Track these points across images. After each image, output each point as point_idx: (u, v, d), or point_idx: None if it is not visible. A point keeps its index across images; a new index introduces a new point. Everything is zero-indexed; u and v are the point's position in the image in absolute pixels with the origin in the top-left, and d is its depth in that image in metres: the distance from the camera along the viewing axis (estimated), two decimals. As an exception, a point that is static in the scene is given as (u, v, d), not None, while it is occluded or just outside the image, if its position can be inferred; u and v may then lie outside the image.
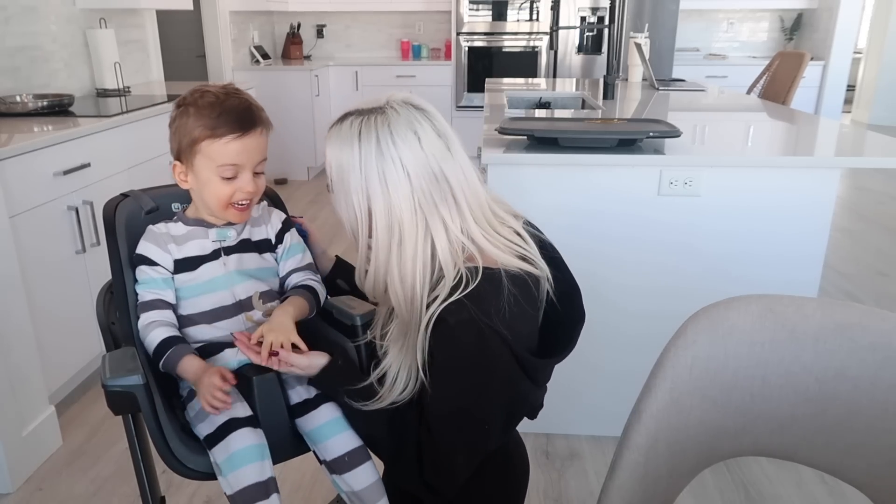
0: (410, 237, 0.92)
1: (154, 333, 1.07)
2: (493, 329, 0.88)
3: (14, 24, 2.63)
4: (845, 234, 3.98)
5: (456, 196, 0.94)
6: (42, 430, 1.97)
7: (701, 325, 0.92)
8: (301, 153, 5.24)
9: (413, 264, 0.93)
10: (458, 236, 0.94)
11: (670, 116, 2.41)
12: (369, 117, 0.93)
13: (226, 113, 1.05)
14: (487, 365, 0.90)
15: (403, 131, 0.92)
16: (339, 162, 0.94)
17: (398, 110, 0.93)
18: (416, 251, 0.93)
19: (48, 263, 2.07)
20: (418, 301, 0.93)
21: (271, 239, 1.19)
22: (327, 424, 1.06)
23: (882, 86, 7.42)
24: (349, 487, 1.06)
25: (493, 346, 0.89)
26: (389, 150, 0.91)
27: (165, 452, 1.05)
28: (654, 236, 1.88)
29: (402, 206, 0.91)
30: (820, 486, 1.87)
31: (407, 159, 0.91)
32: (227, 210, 1.10)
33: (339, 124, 0.95)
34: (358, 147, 0.92)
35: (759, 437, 0.95)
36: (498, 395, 0.93)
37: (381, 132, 0.91)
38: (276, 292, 1.16)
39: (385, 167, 0.91)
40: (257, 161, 1.09)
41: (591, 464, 1.98)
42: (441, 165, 0.93)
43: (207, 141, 1.05)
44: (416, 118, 0.93)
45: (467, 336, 0.88)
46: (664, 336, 0.96)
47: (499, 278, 0.92)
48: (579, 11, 5.14)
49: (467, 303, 0.88)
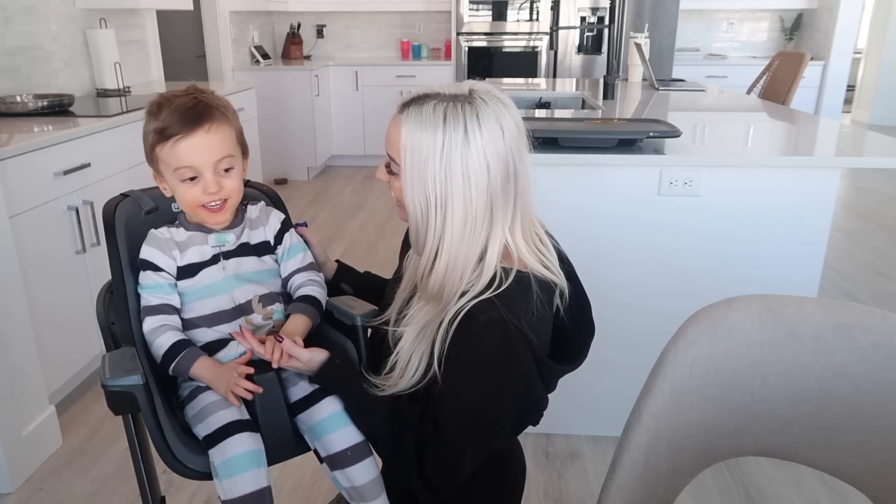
0: (479, 232, 0.91)
1: (162, 338, 1.06)
2: (520, 331, 0.87)
3: (14, 24, 2.63)
4: (845, 234, 3.98)
5: (518, 195, 0.93)
6: (42, 429, 1.97)
7: (701, 324, 0.92)
8: (301, 153, 5.24)
9: (467, 256, 0.92)
10: (507, 235, 0.93)
11: (670, 116, 2.41)
12: (455, 104, 0.89)
13: (171, 113, 1.03)
14: (510, 366, 0.90)
15: (490, 123, 0.89)
16: (419, 145, 0.89)
17: (486, 101, 0.91)
18: (477, 242, 0.92)
19: (48, 263, 2.07)
20: (457, 290, 0.91)
21: (270, 240, 1.18)
22: (330, 418, 1.06)
23: (882, 86, 7.42)
24: (350, 483, 1.05)
25: (519, 348, 0.88)
26: (476, 141, 0.88)
27: (165, 452, 1.05)
28: (653, 236, 1.88)
29: (479, 199, 0.90)
30: (820, 486, 1.87)
31: (490, 151, 0.89)
32: (198, 212, 1.09)
33: (420, 106, 0.90)
34: (442, 133, 0.88)
35: (759, 437, 0.95)
36: (515, 397, 0.93)
37: (469, 121, 0.88)
38: (276, 294, 1.16)
39: (469, 158, 0.88)
40: (215, 159, 1.05)
41: (591, 464, 1.98)
42: (516, 161, 0.92)
43: (159, 146, 1.04)
44: (500, 111, 0.91)
45: (494, 335, 0.88)
46: (664, 336, 0.96)
47: (528, 282, 0.92)
48: (579, 11, 5.13)
49: (498, 302, 0.88)
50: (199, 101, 1.05)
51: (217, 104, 1.07)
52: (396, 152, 0.92)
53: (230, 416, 1.02)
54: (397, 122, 0.92)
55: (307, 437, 1.08)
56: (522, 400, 0.94)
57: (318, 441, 1.07)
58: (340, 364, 1.05)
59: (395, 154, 0.93)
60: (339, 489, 1.09)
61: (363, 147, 5.65)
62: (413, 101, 0.92)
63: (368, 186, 5.16)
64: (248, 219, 1.17)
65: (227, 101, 1.11)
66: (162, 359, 1.06)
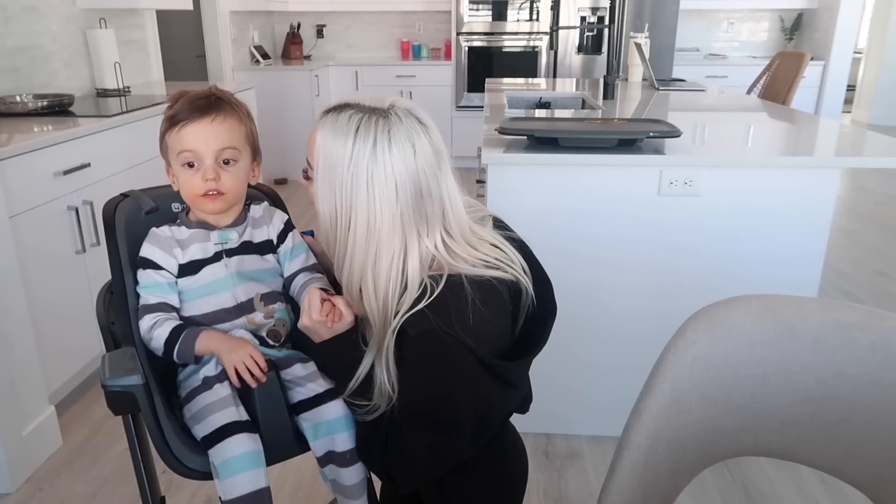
0: (388, 251, 0.92)
1: (160, 329, 1.06)
2: (454, 337, 0.87)
3: (14, 24, 2.63)
4: (845, 234, 3.98)
5: (432, 213, 0.93)
6: (42, 430, 1.97)
7: (701, 324, 0.92)
8: (301, 153, 5.14)
9: (387, 276, 0.92)
10: (430, 251, 0.94)
11: (670, 116, 2.41)
12: (371, 117, 0.91)
13: (184, 102, 1.07)
14: (451, 373, 0.90)
15: (401, 141, 0.90)
16: (329, 152, 0.92)
17: (401, 118, 0.91)
18: (392, 265, 0.92)
19: (48, 263, 2.07)
20: (390, 310, 0.93)
21: (273, 240, 1.19)
22: (341, 419, 1.07)
23: (882, 86, 7.42)
24: (340, 480, 1.07)
25: (456, 355, 0.88)
26: (384, 156, 0.89)
27: (165, 452, 1.05)
28: (653, 236, 1.88)
29: (383, 215, 0.91)
30: (820, 486, 1.87)
31: (399, 169, 0.90)
32: (198, 201, 1.10)
33: (337, 114, 0.93)
34: (353, 142, 0.90)
35: (759, 437, 0.95)
36: (465, 402, 0.92)
37: (379, 135, 0.90)
38: (277, 293, 1.16)
39: (375, 171, 0.89)
40: (217, 147, 1.07)
41: (591, 464, 1.98)
42: (429, 182, 0.92)
43: (168, 132, 1.07)
44: (416, 130, 0.92)
45: (428, 346, 0.88)
46: (664, 336, 0.96)
47: (460, 285, 0.91)
48: (579, 11, 5.14)
49: (428, 313, 0.88)
50: (212, 94, 1.09)
51: (231, 100, 1.10)
52: (311, 155, 0.95)
53: (228, 417, 1.03)
54: (316, 127, 0.95)
55: (309, 434, 1.09)
56: (475, 402, 0.93)
57: (321, 439, 1.07)
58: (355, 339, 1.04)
59: (311, 158, 0.95)
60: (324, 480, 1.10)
61: (363, 147, 5.65)
62: (333, 109, 0.94)
63: (368, 186, 5.15)
64: (251, 217, 1.17)
65: (244, 102, 1.14)
66: (164, 347, 1.06)
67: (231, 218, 1.15)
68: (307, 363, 1.14)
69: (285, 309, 1.16)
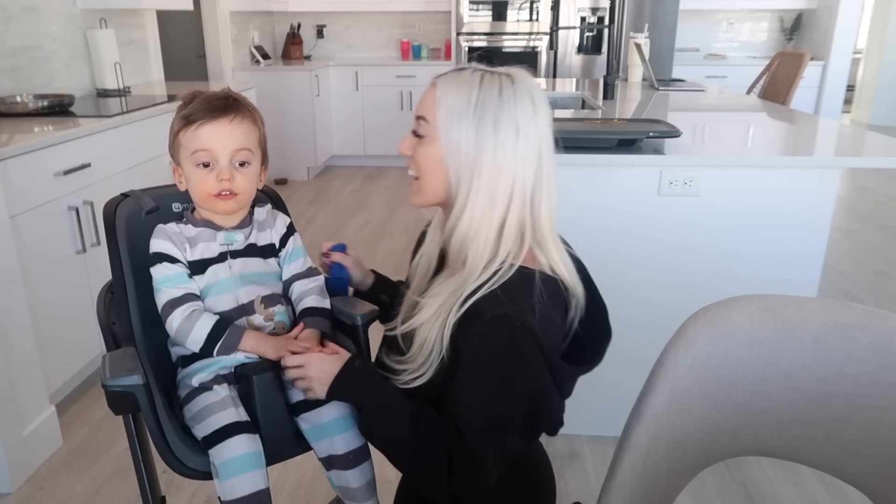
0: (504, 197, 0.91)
1: (202, 321, 1.05)
2: (526, 327, 0.86)
3: (14, 24, 2.63)
4: (845, 234, 3.98)
5: (544, 179, 0.93)
6: (42, 430, 1.98)
7: (701, 324, 0.92)
8: (301, 153, 5.24)
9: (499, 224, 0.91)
10: (528, 215, 0.93)
11: (670, 116, 2.41)
12: (492, 73, 0.92)
13: (200, 102, 1.07)
14: (517, 363, 0.88)
15: (524, 95, 0.91)
16: (453, 104, 0.91)
17: (523, 77, 0.93)
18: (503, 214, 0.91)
19: (48, 263, 2.07)
20: (477, 259, 0.91)
21: (275, 244, 1.19)
22: (337, 420, 1.06)
23: (882, 86, 7.42)
24: (346, 484, 1.07)
25: (525, 345, 0.87)
26: (509, 104, 0.90)
27: (165, 452, 1.05)
28: (654, 236, 1.89)
29: (504, 162, 0.90)
30: (820, 485, 1.87)
31: (522, 120, 0.90)
32: (210, 201, 1.09)
33: (458, 71, 0.94)
34: (478, 91, 0.90)
35: (759, 437, 0.95)
36: (524, 393, 0.90)
37: (504, 86, 0.90)
38: (278, 296, 1.16)
39: (501, 117, 0.89)
40: (233, 148, 1.07)
41: (591, 464, 1.98)
42: (542, 144, 0.92)
43: (183, 130, 1.06)
44: (536, 90, 0.93)
45: (500, 332, 0.86)
46: (664, 336, 0.97)
47: (531, 278, 0.91)
48: (579, 11, 5.14)
49: (502, 296, 0.87)
50: (229, 95, 1.09)
51: (247, 103, 1.11)
52: (429, 110, 0.93)
53: (228, 417, 1.03)
54: (433, 85, 0.94)
55: (309, 435, 1.09)
56: (533, 398, 0.92)
57: (320, 441, 1.07)
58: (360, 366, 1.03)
59: (426, 112, 0.94)
60: (332, 487, 1.10)
61: (363, 147, 5.65)
62: (451, 71, 0.95)
63: (368, 186, 5.16)
64: (255, 220, 1.17)
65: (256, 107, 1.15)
66: (206, 341, 1.05)
67: (237, 219, 1.15)
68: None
69: (285, 311, 1.16)
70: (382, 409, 0.97)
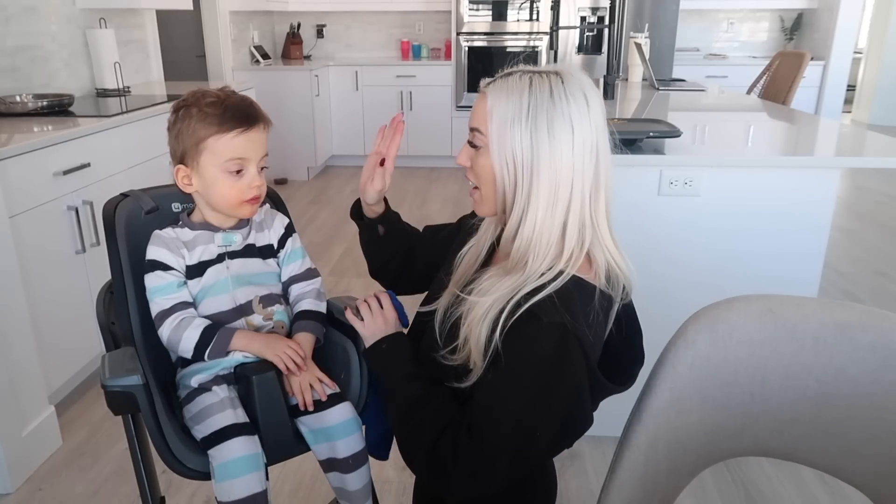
0: (563, 199, 0.90)
1: (189, 331, 1.06)
2: (577, 338, 0.85)
3: (14, 24, 2.63)
4: (845, 234, 3.98)
5: (600, 177, 0.93)
6: (42, 430, 1.97)
7: (701, 324, 0.92)
8: (301, 153, 5.24)
9: (560, 226, 0.91)
10: (588, 216, 0.93)
11: (670, 116, 2.41)
12: (541, 73, 0.91)
13: (231, 108, 1.06)
14: (562, 373, 0.86)
15: (576, 91, 0.89)
16: (504, 112, 0.90)
17: (572, 73, 0.91)
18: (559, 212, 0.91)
19: (48, 263, 2.07)
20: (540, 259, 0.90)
21: (274, 244, 1.19)
22: (341, 425, 1.07)
23: (882, 86, 7.42)
24: (345, 487, 1.07)
25: (574, 355, 0.86)
26: (561, 104, 0.88)
27: (165, 452, 1.05)
28: (654, 236, 1.88)
29: (562, 163, 0.89)
30: (820, 486, 1.87)
31: (576, 118, 0.89)
32: (240, 207, 1.10)
33: (505, 78, 0.92)
34: (528, 95, 0.89)
35: (759, 437, 0.95)
36: (561, 406, 0.89)
37: (554, 86, 0.89)
38: (276, 296, 1.16)
39: (554, 118, 0.88)
40: (262, 155, 1.10)
41: (591, 464, 1.98)
42: (599, 139, 0.92)
43: (214, 137, 1.05)
44: (587, 84, 0.91)
45: (552, 339, 0.85)
46: (664, 336, 0.96)
47: (591, 292, 0.90)
48: (579, 11, 5.14)
49: (559, 304, 0.86)
50: (249, 101, 1.10)
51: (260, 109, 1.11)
52: (482, 121, 0.92)
53: (227, 419, 1.03)
54: (483, 95, 0.93)
55: (309, 438, 1.09)
56: (569, 411, 0.90)
57: (322, 444, 1.08)
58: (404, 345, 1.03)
59: (479, 123, 0.93)
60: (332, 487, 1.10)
61: (363, 147, 5.65)
62: (499, 77, 0.94)
63: (368, 186, 5.15)
64: (254, 221, 1.17)
65: None
66: (195, 349, 1.06)
67: (235, 220, 1.15)
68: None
69: (284, 311, 1.16)
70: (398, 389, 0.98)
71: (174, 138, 1.09)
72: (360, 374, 1.17)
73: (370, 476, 1.10)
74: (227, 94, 1.08)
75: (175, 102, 1.10)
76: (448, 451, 0.91)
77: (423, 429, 0.94)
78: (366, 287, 3.18)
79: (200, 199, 1.12)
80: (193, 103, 1.06)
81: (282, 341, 1.07)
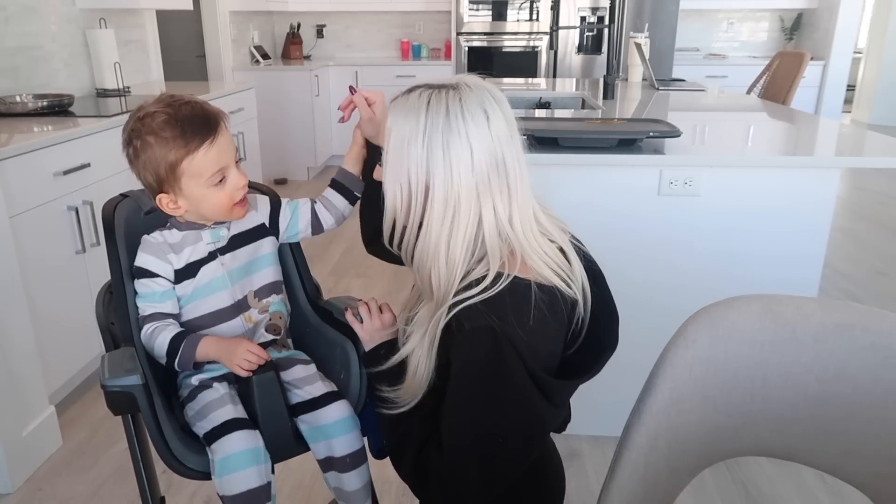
0: (465, 216, 0.89)
1: (161, 337, 1.07)
2: (508, 340, 0.84)
3: (14, 24, 2.63)
4: (845, 234, 3.98)
5: (510, 186, 0.91)
6: (42, 430, 1.97)
7: (701, 324, 0.92)
8: (301, 153, 5.24)
9: (463, 244, 0.89)
10: (505, 225, 0.91)
11: (670, 116, 2.41)
12: (440, 90, 0.90)
13: (186, 122, 1.03)
14: (501, 375, 0.86)
15: (474, 108, 0.88)
16: (402, 132, 0.89)
17: (472, 87, 0.90)
18: (468, 231, 0.89)
19: (48, 263, 2.07)
20: (454, 285, 0.90)
21: (265, 223, 1.18)
22: (338, 422, 1.07)
23: (882, 86, 7.42)
24: (343, 486, 1.07)
25: (508, 357, 0.85)
26: (457, 123, 0.88)
27: (165, 452, 1.05)
28: (654, 236, 1.88)
29: (461, 182, 0.88)
30: (820, 486, 1.87)
31: (473, 136, 0.88)
32: (233, 210, 1.10)
33: (406, 95, 0.92)
34: (425, 116, 0.88)
35: (759, 437, 0.95)
36: (513, 409, 0.88)
37: (451, 104, 0.88)
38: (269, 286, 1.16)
39: (451, 139, 0.87)
40: (233, 154, 1.08)
41: (591, 464, 1.98)
42: (503, 151, 0.90)
43: (187, 160, 1.03)
44: (487, 99, 0.90)
45: (482, 343, 0.84)
46: (664, 336, 0.96)
47: (526, 290, 0.88)
48: (579, 11, 5.13)
49: (484, 308, 0.85)
50: (202, 105, 1.06)
51: (210, 106, 1.08)
52: (385, 139, 0.92)
53: (229, 413, 1.03)
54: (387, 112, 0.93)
55: (308, 436, 1.09)
56: (523, 412, 0.89)
57: (320, 443, 1.08)
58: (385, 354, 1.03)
59: (383, 142, 0.93)
60: (329, 487, 1.10)
61: (363, 147, 5.65)
62: (402, 94, 0.93)
63: (368, 186, 5.15)
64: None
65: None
66: (166, 356, 1.06)
67: None
68: (308, 365, 1.14)
69: (280, 301, 1.16)
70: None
71: (142, 170, 1.06)
72: (360, 375, 1.17)
73: (370, 476, 1.10)
74: (174, 106, 1.04)
75: (124, 135, 1.06)
76: (428, 462, 0.92)
77: (409, 439, 0.95)
78: (366, 287, 3.18)
79: (192, 215, 1.12)
80: (147, 131, 1.03)
81: (241, 345, 1.05)
